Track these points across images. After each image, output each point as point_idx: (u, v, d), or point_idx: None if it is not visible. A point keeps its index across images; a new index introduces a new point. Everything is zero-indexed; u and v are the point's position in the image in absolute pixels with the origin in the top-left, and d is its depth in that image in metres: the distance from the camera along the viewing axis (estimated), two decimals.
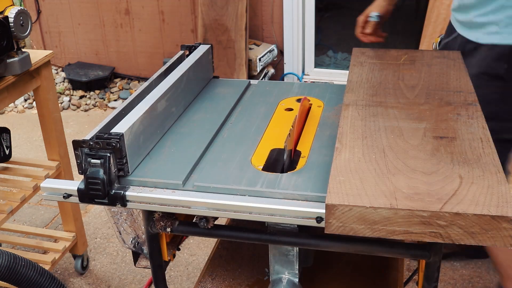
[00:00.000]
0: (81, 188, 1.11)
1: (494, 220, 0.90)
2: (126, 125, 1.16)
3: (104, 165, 1.08)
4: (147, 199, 1.11)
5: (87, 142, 1.09)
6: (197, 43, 1.64)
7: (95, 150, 1.09)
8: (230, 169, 1.18)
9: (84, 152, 1.10)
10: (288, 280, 1.25)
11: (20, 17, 1.84)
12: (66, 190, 1.14)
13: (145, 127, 1.23)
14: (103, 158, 1.08)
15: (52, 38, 4.53)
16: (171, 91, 1.37)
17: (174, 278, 2.46)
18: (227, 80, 1.69)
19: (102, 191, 1.09)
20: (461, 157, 1.06)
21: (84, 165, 1.10)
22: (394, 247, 1.11)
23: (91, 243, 2.69)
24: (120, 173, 1.13)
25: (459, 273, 2.41)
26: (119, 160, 1.11)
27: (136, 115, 1.21)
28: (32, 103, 4.27)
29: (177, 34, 4.14)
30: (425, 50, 1.69)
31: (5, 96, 1.89)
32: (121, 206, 1.11)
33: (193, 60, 1.52)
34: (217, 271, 1.50)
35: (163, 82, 1.39)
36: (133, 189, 1.13)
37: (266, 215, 1.06)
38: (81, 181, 1.12)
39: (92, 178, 1.09)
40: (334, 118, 1.38)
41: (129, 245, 1.28)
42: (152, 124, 1.27)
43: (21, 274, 1.17)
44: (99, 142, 1.09)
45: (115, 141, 1.09)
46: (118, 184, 1.13)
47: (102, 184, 1.09)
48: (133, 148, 1.17)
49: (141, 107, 1.25)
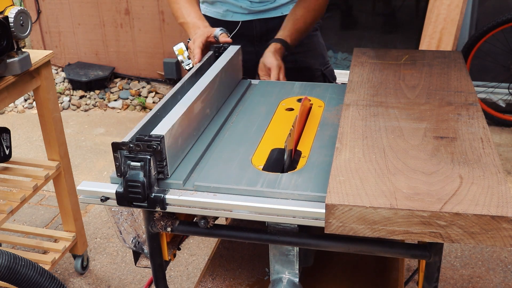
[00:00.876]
0: (119, 191, 1.09)
1: (494, 220, 0.90)
2: (166, 127, 1.13)
3: (144, 167, 1.06)
4: (188, 202, 1.09)
5: (127, 144, 1.07)
6: (226, 44, 1.62)
7: (135, 153, 1.07)
8: (231, 169, 1.18)
9: (123, 155, 1.07)
10: (288, 280, 1.25)
11: (20, 17, 1.84)
12: (104, 193, 1.11)
13: (183, 129, 1.21)
14: (143, 160, 1.06)
15: (52, 38, 4.53)
16: (206, 92, 1.35)
17: (174, 278, 2.46)
18: None
19: (142, 194, 1.07)
20: (462, 157, 1.06)
21: (123, 168, 1.07)
22: (394, 247, 1.11)
23: (91, 243, 2.69)
24: (159, 176, 1.11)
25: (459, 273, 2.41)
26: (159, 163, 1.09)
27: (175, 117, 1.18)
28: (32, 103, 4.27)
29: (177, 34, 4.14)
30: (426, 50, 1.69)
31: (5, 96, 1.89)
32: (160, 210, 1.10)
33: (225, 61, 1.51)
34: (217, 271, 1.50)
35: (198, 83, 1.37)
36: (173, 192, 1.11)
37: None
38: (119, 184, 1.10)
39: (132, 181, 1.06)
40: (335, 118, 1.38)
41: (129, 244, 1.28)
42: (190, 126, 1.25)
43: (21, 274, 1.17)
44: (140, 145, 1.06)
45: (156, 143, 1.07)
46: (157, 187, 1.11)
47: (142, 187, 1.06)
48: (172, 151, 1.15)
49: (179, 109, 1.23)
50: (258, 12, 1.88)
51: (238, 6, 1.86)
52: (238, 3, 1.85)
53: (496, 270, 2.42)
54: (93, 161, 3.46)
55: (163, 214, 1.17)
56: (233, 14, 1.89)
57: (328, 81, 2.04)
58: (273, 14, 1.90)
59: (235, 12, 1.88)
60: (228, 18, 1.90)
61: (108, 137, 3.77)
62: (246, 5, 1.85)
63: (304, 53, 1.93)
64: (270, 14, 1.89)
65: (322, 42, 2.06)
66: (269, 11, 1.89)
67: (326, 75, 2.02)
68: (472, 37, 3.45)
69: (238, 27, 1.89)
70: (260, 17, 1.89)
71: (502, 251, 2.53)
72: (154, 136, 1.09)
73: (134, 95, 4.27)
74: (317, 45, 2.01)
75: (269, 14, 1.89)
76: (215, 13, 1.93)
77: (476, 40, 3.44)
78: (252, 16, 1.89)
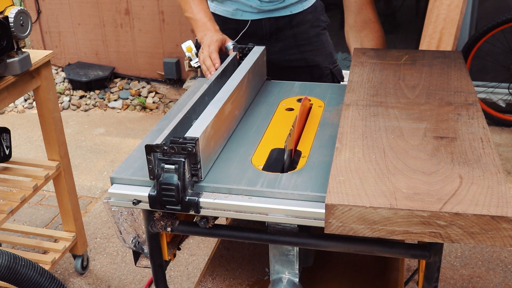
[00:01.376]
0: (152, 195, 1.08)
1: (493, 220, 0.90)
2: (200, 129, 1.12)
3: (179, 170, 1.05)
4: (222, 206, 1.08)
5: (161, 147, 1.05)
6: (250, 44, 1.62)
7: (168, 155, 1.05)
8: (231, 169, 1.18)
9: (156, 157, 1.06)
10: (288, 280, 1.25)
11: (20, 17, 1.84)
12: (136, 196, 1.10)
13: (215, 131, 1.20)
14: (178, 163, 1.05)
15: (52, 38, 4.53)
16: (235, 93, 1.34)
17: (174, 278, 2.46)
18: None
19: (176, 198, 1.06)
20: (462, 157, 1.06)
21: (157, 171, 1.06)
22: (394, 247, 1.11)
23: (91, 243, 2.69)
24: (193, 179, 1.10)
25: (459, 273, 2.41)
26: (193, 166, 1.08)
27: (208, 118, 1.17)
28: (32, 103, 4.27)
29: (177, 34, 4.14)
30: (426, 50, 1.69)
31: (5, 96, 1.89)
32: (195, 213, 1.09)
33: (251, 62, 1.50)
34: (217, 271, 1.50)
35: (227, 84, 1.36)
36: (207, 195, 1.10)
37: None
38: (151, 187, 1.09)
39: (166, 184, 1.05)
40: (335, 118, 1.38)
41: (129, 244, 1.28)
42: (221, 128, 1.25)
43: (21, 274, 1.17)
44: (174, 147, 1.05)
45: (191, 145, 1.05)
46: (191, 190, 1.10)
47: (176, 190, 1.05)
48: (206, 153, 1.14)
49: (211, 110, 1.22)
50: (267, 11, 1.88)
51: (248, 5, 1.86)
52: (248, 2, 1.85)
53: (496, 270, 2.42)
54: (93, 161, 3.46)
55: (163, 214, 1.17)
56: (242, 13, 1.89)
57: (337, 79, 2.04)
58: (282, 13, 1.90)
59: (245, 11, 1.88)
60: (237, 16, 1.90)
61: (108, 137, 3.77)
62: (255, 4, 1.85)
63: (313, 51, 1.93)
64: (280, 13, 1.89)
65: (330, 41, 2.06)
66: (279, 10, 1.89)
67: (334, 73, 2.02)
68: (472, 37, 3.45)
69: (247, 26, 1.89)
70: (270, 16, 1.89)
71: (502, 251, 2.53)
72: (189, 138, 1.07)
73: (134, 95, 4.27)
74: (326, 44, 2.02)
75: (279, 13, 1.89)
76: (225, 11, 1.93)
77: (476, 40, 3.44)
78: (261, 15, 1.89)
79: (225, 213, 1.09)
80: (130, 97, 4.27)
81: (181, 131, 1.17)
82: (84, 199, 3.06)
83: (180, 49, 1.76)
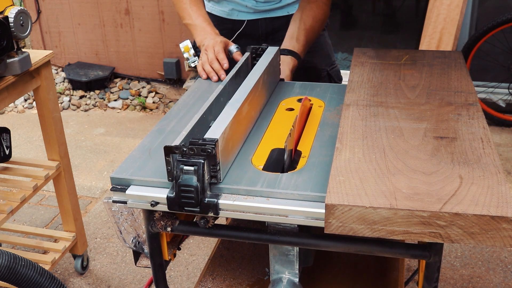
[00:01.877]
0: (171, 196, 1.07)
1: (493, 221, 0.90)
2: (219, 131, 1.11)
3: (198, 172, 1.04)
4: (242, 207, 1.08)
5: (180, 148, 1.04)
6: (264, 45, 1.60)
7: (187, 157, 1.04)
8: (231, 169, 1.17)
9: (175, 159, 1.05)
10: (288, 280, 1.25)
11: (20, 17, 1.84)
12: (154, 198, 1.10)
13: (233, 132, 1.19)
14: (197, 165, 1.04)
15: (52, 38, 4.53)
16: (252, 94, 1.34)
17: (174, 278, 2.46)
18: None
19: (195, 199, 1.05)
20: (462, 158, 1.06)
21: (176, 172, 1.05)
22: (394, 247, 1.11)
23: (91, 243, 2.69)
24: (212, 181, 1.10)
25: (459, 273, 2.41)
26: (212, 167, 1.07)
27: (226, 120, 1.16)
28: (32, 103, 4.27)
29: (177, 34, 4.14)
30: (426, 50, 1.69)
31: (5, 96, 1.89)
32: (214, 215, 1.08)
33: (266, 63, 1.49)
34: (217, 271, 1.50)
35: (243, 85, 1.35)
36: (225, 197, 1.09)
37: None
38: (170, 188, 1.08)
39: (185, 185, 1.04)
40: (335, 118, 1.38)
41: (129, 244, 1.28)
42: (238, 129, 1.24)
43: (21, 274, 1.17)
44: (194, 148, 1.04)
45: (211, 147, 1.04)
46: (210, 192, 1.09)
47: (196, 192, 1.04)
48: (224, 154, 1.13)
49: (229, 111, 1.21)
50: (263, 11, 1.87)
51: (244, 5, 1.86)
52: (244, 2, 1.85)
53: (496, 270, 2.42)
54: (93, 161, 3.46)
55: (163, 214, 1.17)
56: (238, 13, 1.88)
57: (334, 81, 2.02)
58: (279, 14, 1.89)
59: (241, 11, 1.88)
60: (233, 17, 1.90)
61: (108, 137, 3.77)
62: (251, 4, 1.85)
63: (310, 53, 1.91)
64: (276, 13, 1.89)
65: (329, 42, 2.05)
66: (275, 10, 1.88)
67: (331, 75, 2.01)
68: (472, 37, 3.45)
69: (243, 26, 1.89)
70: (266, 16, 1.89)
71: (502, 251, 2.53)
72: (208, 139, 1.07)
73: (134, 95, 4.27)
74: (324, 45, 2.01)
75: (275, 13, 1.89)
76: (221, 11, 1.93)
77: (476, 40, 3.44)
78: (257, 15, 1.89)
79: (245, 215, 1.08)
80: (130, 97, 4.27)
81: (198, 133, 1.16)
82: (84, 199, 3.06)
83: (180, 49, 1.75)
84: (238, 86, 1.37)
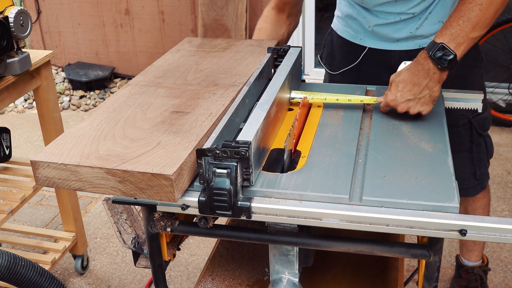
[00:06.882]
0: (202, 200, 1.05)
1: (154, 177, 0.98)
2: (251, 133, 1.10)
3: (231, 175, 1.02)
4: (275, 210, 1.06)
5: (213, 150, 1.02)
6: (286, 46, 1.58)
7: (219, 159, 1.03)
8: None
9: (207, 161, 1.03)
10: (288, 280, 1.25)
11: (20, 17, 1.84)
12: (185, 201, 1.08)
13: (264, 134, 1.18)
14: (229, 167, 1.02)
15: (52, 38, 4.53)
16: (279, 96, 1.33)
17: (174, 278, 2.46)
18: None
19: (228, 203, 1.03)
20: (178, 128, 1.14)
21: (208, 175, 1.04)
22: (394, 247, 1.11)
23: (91, 243, 2.69)
24: (244, 184, 1.08)
25: None
26: (245, 170, 1.06)
27: (257, 122, 1.15)
28: (32, 103, 4.28)
29: (177, 34, 4.14)
30: (248, 40, 1.71)
31: (5, 96, 1.89)
32: (246, 218, 1.07)
33: (290, 64, 1.48)
34: (217, 271, 1.50)
35: (270, 87, 1.34)
36: (258, 200, 1.07)
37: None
38: (201, 191, 1.06)
39: (218, 189, 1.03)
40: (335, 118, 1.38)
41: (129, 245, 1.28)
42: (268, 131, 1.23)
43: (21, 274, 1.17)
44: (227, 151, 1.02)
45: (244, 149, 1.03)
46: (242, 195, 1.08)
47: (229, 195, 1.02)
48: (256, 157, 1.11)
49: (259, 113, 1.20)
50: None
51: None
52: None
53: (496, 270, 2.42)
54: None
55: (163, 214, 1.17)
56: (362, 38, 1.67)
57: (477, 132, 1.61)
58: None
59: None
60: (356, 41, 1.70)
61: None
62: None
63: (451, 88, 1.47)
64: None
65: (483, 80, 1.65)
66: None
67: (473, 124, 1.60)
68: None
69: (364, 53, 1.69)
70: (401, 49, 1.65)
71: (502, 251, 2.53)
72: (241, 142, 1.06)
73: None
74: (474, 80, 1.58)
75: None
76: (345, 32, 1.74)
77: None
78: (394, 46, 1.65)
79: (277, 218, 1.07)
80: None
81: (227, 134, 1.16)
82: (84, 199, 3.06)
83: None
84: (261, 87, 1.36)
